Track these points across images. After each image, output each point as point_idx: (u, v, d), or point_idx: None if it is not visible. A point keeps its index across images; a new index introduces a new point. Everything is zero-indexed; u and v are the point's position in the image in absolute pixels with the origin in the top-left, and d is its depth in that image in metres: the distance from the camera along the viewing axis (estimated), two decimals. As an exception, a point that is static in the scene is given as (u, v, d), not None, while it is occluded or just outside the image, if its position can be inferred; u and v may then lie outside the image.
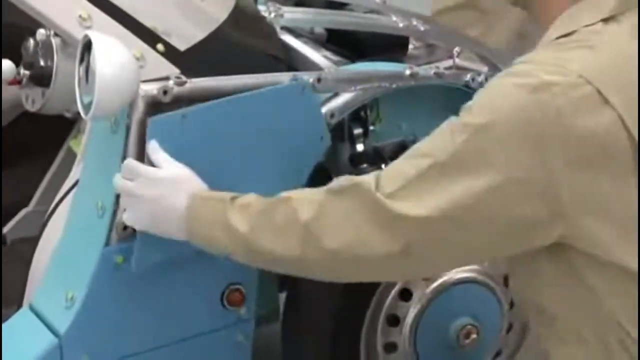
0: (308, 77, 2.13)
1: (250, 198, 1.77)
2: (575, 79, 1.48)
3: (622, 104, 1.50)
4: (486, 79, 2.32)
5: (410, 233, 1.56)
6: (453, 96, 2.32)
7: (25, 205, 2.66)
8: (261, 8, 2.43)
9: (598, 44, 1.55)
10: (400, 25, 2.56)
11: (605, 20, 1.59)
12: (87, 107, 1.86)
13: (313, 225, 1.64)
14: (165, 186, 1.84)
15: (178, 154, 1.90)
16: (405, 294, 2.29)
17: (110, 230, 1.96)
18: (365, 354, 2.31)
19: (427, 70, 2.35)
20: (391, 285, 2.27)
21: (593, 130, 1.48)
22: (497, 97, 1.55)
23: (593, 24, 1.59)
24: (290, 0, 2.71)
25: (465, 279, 2.32)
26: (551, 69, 1.50)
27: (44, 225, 2.21)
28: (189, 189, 1.83)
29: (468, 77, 2.37)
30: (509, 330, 2.50)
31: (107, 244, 1.97)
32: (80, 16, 1.99)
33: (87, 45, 1.87)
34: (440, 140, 1.58)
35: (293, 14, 2.45)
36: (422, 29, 2.59)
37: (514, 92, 1.51)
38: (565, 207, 1.50)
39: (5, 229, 2.61)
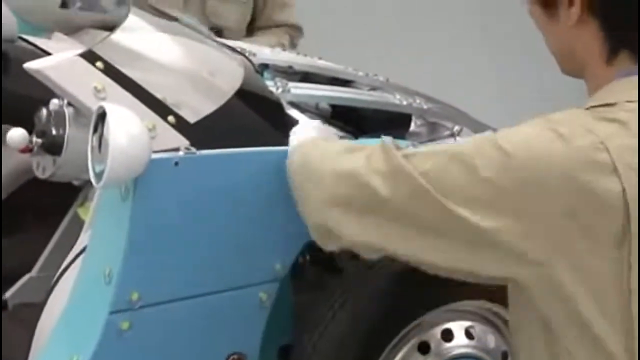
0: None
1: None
2: (596, 144, 1.57)
3: (629, 180, 1.57)
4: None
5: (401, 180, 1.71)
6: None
7: (28, 270, 2.67)
8: (269, 83, 2.50)
9: (630, 122, 1.62)
10: (403, 103, 2.64)
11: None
12: (99, 175, 1.90)
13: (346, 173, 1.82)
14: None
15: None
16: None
17: (116, 297, 1.99)
18: None
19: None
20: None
21: (597, 190, 1.56)
22: (531, 139, 1.62)
23: (632, 102, 1.65)
24: (296, 75, 2.79)
25: (464, 355, 2.36)
26: (577, 128, 1.59)
27: (51, 290, 2.23)
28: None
29: None
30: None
31: (112, 310, 2.00)
32: (95, 88, 2.05)
33: (102, 116, 1.92)
34: (479, 147, 1.67)
35: (299, 90, 2.51)
36: (424, 107, 2.66)
37: (536, 138, 1.61)
38: (546, 243, 1.60)
39: (7, 294, 2.64)
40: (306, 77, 2.80)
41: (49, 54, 2.33)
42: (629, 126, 1.61)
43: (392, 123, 2.67)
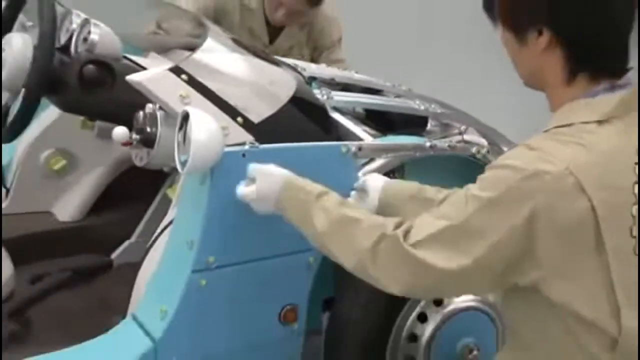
0: (352, 145, 2.25)
1: (330, 202, 1.88)
2: (563, 170, 1.53)
3: (598, 196, 1.53)
4: (488, 152, 2.44)
5: (424, 274, 1.67)
6: (461, 164, 2.44)
7: (128, 238, 2.75)
8: (316, 92, 2.56)
9: (589, 144, 1.57)
10: (421, 107, 2.69)
11: (600, 122, 1.61)
12: (183, 164, 1.97)
13: (366, 253, 1.74)
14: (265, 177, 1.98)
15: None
16: (422, 317, 2.37)
17: (197, 260, 2.05)
18: None
19: (442, 143, 2.46)
20: (411, 309, 2.35)
21: (569, 213, 1.54)
22: (501, 179, 1.59)
23: (588, 123, 1.61)
24: (338, 86, 2.83)
25: (469, 307, 2.39)
26: (546, 158, 1.55)
27: (146, 253, 2.28)
28: (282, 179, 1.96)
29: (474, 149, 2.46)
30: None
31: (194, 270, 2.06)
32: (180, 95, 2.12)
33: (185, 117, 1.98)
34: (457, 206, 1.65)
35: (340, 97, 2.57)
36: (438, 111, 2.73)
37: (513, 178, 1.56)
38: (541, 262, 1.57)
39: (113, 256, 2.72)
40: (345, 87, 2.84)
41: (145, 68, 2.38)
42: (589, 148, 1.57)
43: (412, 123, 2.71)
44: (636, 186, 1.59)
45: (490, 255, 1.59)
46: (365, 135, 2.39)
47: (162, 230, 2.27)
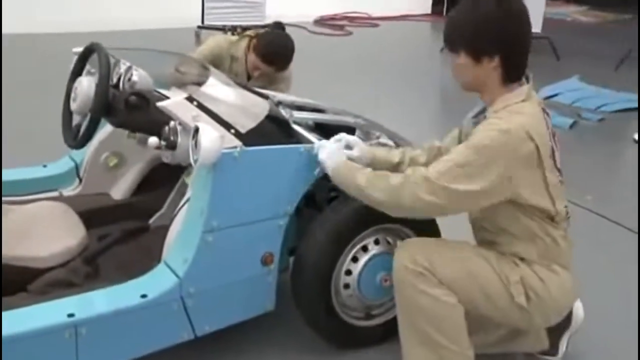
0: (307, 147, 2.19)
1: (365, 170, 2.03)
2: (519, 127, 1.83)
3: (538, 140, 1.85)
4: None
5: (443, 195, 1.85)
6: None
7: (160, 209, 2.66)
8: (282, 111, 2.49)
9: (525, 112, 1.87)
10: (352, 121, 2.63)
11: (523, 100, 1.91)
12: (195, 161, 1.93)
13: (397, 189, 1.90)
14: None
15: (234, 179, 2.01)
16: (355, 259, 2.31)
17: (206, 223, 2.00)
18: (334, 292, 2.30)
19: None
20: (348, 253, 2.29)
21: (526, 151, 1.84)
22: (486, 136, 1.84)
23: (517, 103, 1.90)
24: (295, 107, 2.77)
25: (382, 252, 2.33)
26: (507, 122, 1.84)
27: (172, 220, 2.23)
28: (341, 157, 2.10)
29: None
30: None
31: (204, 230, 2.01)
32: (193, 115, 2.05)
33: (197, 130, 1.94)
34: (461, 152, 1.87)
35: (298, 115, 2.51)
36: (362, 122, 2.65)
37: (493, 134, 1.83)
38: (513, 181, 1.85)
39: (150, 221, 2.63)
40: (300, 108, 2.76)
41: (168, 98, 2.30)
42: (525, 114, 1.87)
43: (345, 131, 2.63)
44: (548, 131, 1.92)
45: (483, 182, 1.82)
46: (315, 140, 2.32)
47: (183, 205, 2.20)
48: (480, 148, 1.83)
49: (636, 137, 5.05)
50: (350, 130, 2.63)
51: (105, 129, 2.70)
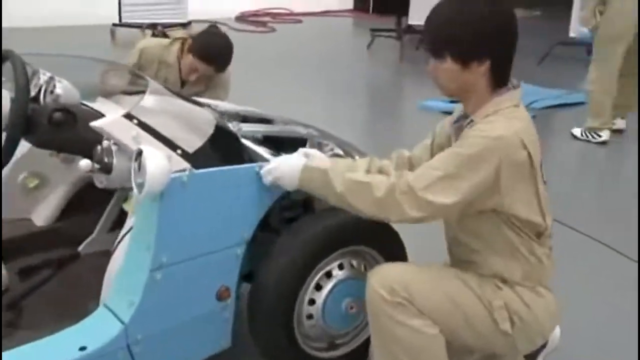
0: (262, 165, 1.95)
1: (340, 169, 1.83)
2: (513, 134, 1.68)
3: (531, 148, 1.71)
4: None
5: (429, 209, 1.71)
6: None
7: (89, 235, 2.37)
8: (229, 124, 2.24)
9: (517, 117, 1.74)
10: (302, 132, 2.41)
11: (515, 105, 1.77)
12: (139, 185, 1.68)
13: (381, 200, 1.72)
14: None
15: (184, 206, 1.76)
16: (318, 286, 2.09)
17: (153, 260, 1.74)
18: (297, 323, 2.08)
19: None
20: (311, 281, 2.06)
21: (519, 160, 1.70)
22: (475, 142, 1.69)
23: (508, 107, 1.75)
24: (239, 117, 2.53)
25: (348, 278, 2.12)
26: (500, 127, 1.70)
27: (111, 254, 1.94)
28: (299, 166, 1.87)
29: None
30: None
31: (151, 268, 1.74)
32: (133, 135, 1.78)
33: (140, 153, 1.67)
34: (445, 162, 1.71)
35: (246, 128, 2.28)
36: (315, 133, 2.44)
37: (483, 140, 1.68)
38: (501, 191, 1.71)
39: (79, 249, 2.34)
40: (244, 119, 2.53)
41: (96, 111, 2.05)
42: (518, 119, 1.74)
43: (295, 144, 2.42)
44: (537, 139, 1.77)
45: (471, 192, 1.68)
46: (269, 156, 2.08)
47: (124, 236, 1.92)
48: (469, 156, 1.67)
49: (575, 131, 5.06)
50: (302, 141, 2.43)
51: (22, 145, 2.36)
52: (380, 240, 2.15)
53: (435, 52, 1.76)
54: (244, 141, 2.16)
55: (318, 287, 2.08)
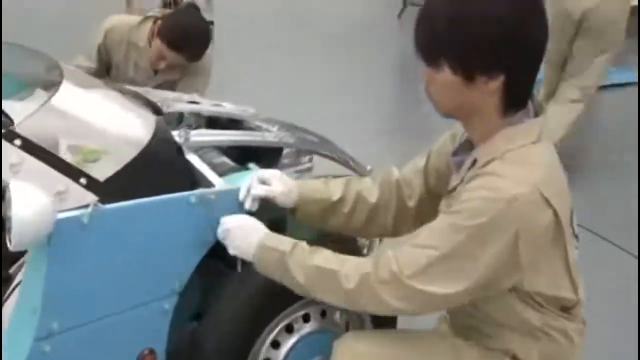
0: (204, 193, 1.50)
1: (303, 255, 1.37)
2: (531, 190, 1.21)
3: (557, 203, 1.24)
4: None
5: (419, 300, 1.28)
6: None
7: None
8: (174, 133, 1.79)
9: (536, 162, 1.26)
10: (275, 140, 1.95)
11: (534, 142, 1.28)
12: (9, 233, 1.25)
13: (354, 292, 1.32)
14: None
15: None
16: (275, 344, 1.66)
17: (40, 326, 1.32)
18: None
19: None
20: (266, 337, 1.63)
21: (542, 224, 1.24)
22: (482, 208, 1.22)
23: (525, 146, 1.27)
24: (202, 119, 2.08)
25: (315, 331, 1.69)
26: (515, 181, 1.22)
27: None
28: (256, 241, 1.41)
29: None
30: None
31: (36, 337, 1.32)
32: (11, 164, 1.34)
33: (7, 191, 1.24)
34: (440, 237, 1.26)
35: (197, 137, 1.81)
36: (290, 141, 1.98)
37: (493, 205, 1.21)
38: (523, 268, 1.26)
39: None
40: (210, 120, 2.08)
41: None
42: (537, 164, 1.27)
43: (268, 154, 1.97)
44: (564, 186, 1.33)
45: (480, 277, 1.24)
46: (216, 180, 1.64)
47: (14, 289, 1.48)
48: (474, 229, 1.22)
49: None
50: (276, 151, 1.98)
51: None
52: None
53: (428, 59, 1.27)
54: (191, 157, 1.72)
55: (276, 345, 1.65)
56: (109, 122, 1.68)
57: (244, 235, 1.44)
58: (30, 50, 1.92)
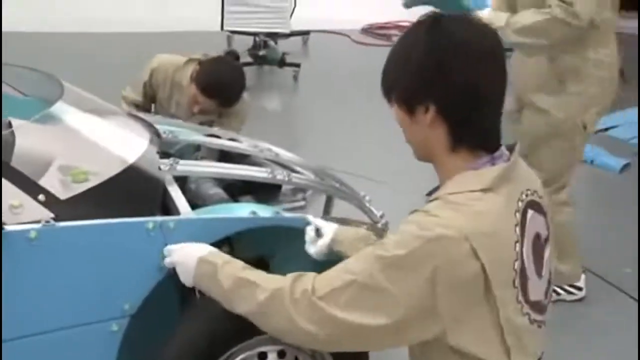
0: (162, 220, 1.53)
1: (233, 267, 1.38)
2: (459, 236, 1.16)
3: (488, 258, 1.17)
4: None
5: (329, 326, 1.23)
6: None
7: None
8: (163, 161, 1.82)
9: (478, 211, 1.20)
10: (269, 176, 1.93)
11: (484, 190, 1.22)
12: None
13: (263, 305, 1.29)
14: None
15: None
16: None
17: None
18: None
19: (267, 212, 1.72)
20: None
21: (465, 275, 1.17)
22: (405, 241, 1.19)
23: (475, 191, 1.22)
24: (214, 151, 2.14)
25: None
26: (445, 224, 1.17)
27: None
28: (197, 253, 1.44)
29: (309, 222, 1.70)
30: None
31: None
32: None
33: None
34: (362, 264, 1.23)
35: (184, 167, 1.83)
36: (286, 178, 1.96)
37: (415, 241, 1.17)
38: (442, 317, 1.18)
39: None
40: (224, 155, 2.17)
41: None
42: (480, 214, 1.20)
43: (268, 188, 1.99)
44: (517, 244, 1.23)
45: (395, 313, 1.18)
46: (184, 210, 1.65)
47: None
48: (389, 260, 1.20)
49: None
50: (274, 187, 1.98)
51: None
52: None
53: (384, 92, 1.33)
54: (170, 187, 1.74)
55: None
56: (101, 145, 1.74)
57: (183, 255, 1.46)
58: (34, 70, 2.04)
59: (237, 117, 2.86)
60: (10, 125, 1.63)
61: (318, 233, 1.65)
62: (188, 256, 1.45)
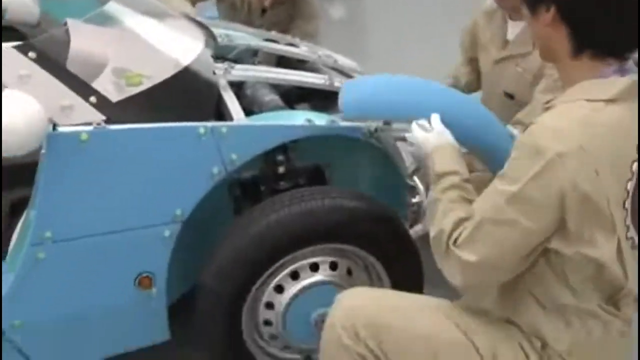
0: (214, 126, 1.48)
1: (449, 182, 1.32)
2: (577, 150, 1.09)
3: (604, 171, 1.11)
4: (376, 130, 1.64)
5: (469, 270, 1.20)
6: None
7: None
8: (218, 65, 1.76)
9: (597, 123, 1.12)
10: (327, 83, 1.85)
11: (607, 101, 1.14)
12: None
13: (432, 243, 1.26)
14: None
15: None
16: (279, 288, 1.62)
17: (34, 234, 1.38)
18: (247, 326, 1.64)
19: (322, 120, 1.64)
20: (269, 281, 1.60)
21: (587, 184, 1.10)
22: (524, 168, 1.13)
23: (596, 101, 1.14)
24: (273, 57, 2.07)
25: (322, 282, 1.63)
26: (562, 137, 1.10)
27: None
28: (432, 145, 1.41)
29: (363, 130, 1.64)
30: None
31: (32, 243, 1.39)
32: (20, 75, 1.38)
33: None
34: (488, 200, 1.20)
35: (238, 72, 1.77)
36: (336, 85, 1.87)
37: (535, 165, 1.11)
38: (569, 229, 1.13)
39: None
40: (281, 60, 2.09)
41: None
42: (597, 126, 1.12)
43: (322, 97, 1.90)
44: (635, 164, 1.15)
45: (523, 242, 1.15)
46: (238, 115, 1.60)
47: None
48: (516, 193, 1.14)
49: None
50: (331, 95, 1.89)
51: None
52: (383, 246, 1.60)
53: None
54: (225, 92, 1.68)
55: (279, 289, 1.61)
56: (155, 46, 1.67)
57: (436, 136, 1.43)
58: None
59: (309, 22, 2.78)
60: (65, 24, 1.59)
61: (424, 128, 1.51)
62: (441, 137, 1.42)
